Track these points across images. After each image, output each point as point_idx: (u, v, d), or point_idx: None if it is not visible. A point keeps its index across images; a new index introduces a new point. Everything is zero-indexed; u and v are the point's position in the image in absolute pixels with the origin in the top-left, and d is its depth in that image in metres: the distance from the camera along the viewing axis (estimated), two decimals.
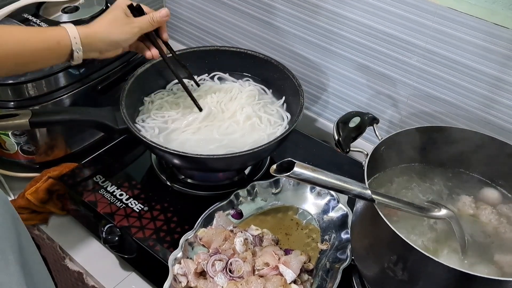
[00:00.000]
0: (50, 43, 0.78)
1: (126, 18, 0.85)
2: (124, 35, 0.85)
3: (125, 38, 0.85)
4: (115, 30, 0.83)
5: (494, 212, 0.75)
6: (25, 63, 0.78)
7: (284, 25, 1.11)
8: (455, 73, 0.90)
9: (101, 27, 0.83)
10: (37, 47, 0.77)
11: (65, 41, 0.79)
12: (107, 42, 0.84)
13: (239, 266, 0.77)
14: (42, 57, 0.79)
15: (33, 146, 1.01)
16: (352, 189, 0.63)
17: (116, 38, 0.84)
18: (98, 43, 0.83)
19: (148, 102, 1.02)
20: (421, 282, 0.64)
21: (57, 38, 0.78)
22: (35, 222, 0.98)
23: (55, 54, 0.79)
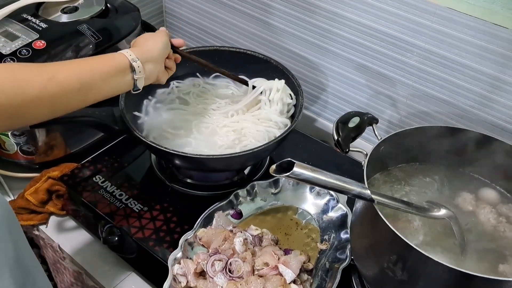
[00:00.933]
0: (106, 58, 0.78)
1: (152, 33, 0.88)
2: (162, 39, 0.86)
3: (165, 41, 0.87)
4: (156, 39, 0.85)
5: (493, 211, 0.75)
6: (89, 82, 0.75)
7: (284, 25, 1.11)
8: (454, 73, 0.90)
9: (144, 42, 0.85)
10: (95, 64, 0.76)
11: (119, 55, 0.79)
12: (157, 48, 0.84)
13: (238, 266, 0.77)
14: (103, 74, 0.76)
15: (32, 146, 1.01)
16: (351, 189, 0.63)
17: (161, 42, 0.85)
18: (150, 53, 0.83)
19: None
20: (421, 282, 0.64)
21: (111, 56, 0.79)
22: (34, 222, 0.98)
23: (114, 69, 0.78)
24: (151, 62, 0.83)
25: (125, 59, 0.79)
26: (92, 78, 0.75)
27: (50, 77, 0.69)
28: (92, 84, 0.75)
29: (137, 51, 0.82)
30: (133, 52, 0.81)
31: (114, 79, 0.78)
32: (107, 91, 0.78)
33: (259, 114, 0.98)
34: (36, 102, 0.68)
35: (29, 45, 0.95)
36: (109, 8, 1.10)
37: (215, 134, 0.95)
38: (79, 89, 0.73)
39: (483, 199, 0.78)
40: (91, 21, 1.03)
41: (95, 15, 1.05)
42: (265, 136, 0.94)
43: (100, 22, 1.04)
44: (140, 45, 0.84)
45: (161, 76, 0.88)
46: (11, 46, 0.94)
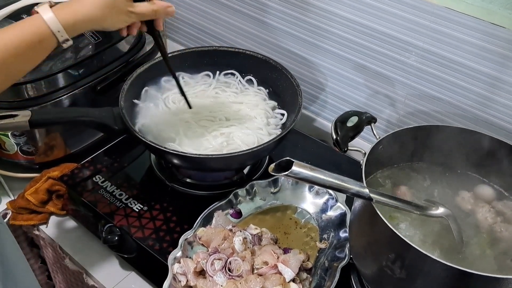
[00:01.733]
0: (31, 42, 0.68)
1: (127, 3, 0.74)
2: (118, 24, 0.74)
3: (118, 27, 0.75)
4: (109, 16, 0.72)
5: (491, 210, 0.75)
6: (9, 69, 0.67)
7: (283, 25, 1.12)
8: (452, 72, 0.91)
9: (91, 8, 0.70)
10: (18, 51, 0.66)
11: (48, 38, 0.68)
12: (99, 27, 0.73)
13: (238, 265, 0.77)
14: (27, 59, 0.69)
15: (32, 146, 1.01)
16: (350, 188, 0.63)
17: (108, 26, 0.73)
18: (86, 28, 0.72)
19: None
20: (419, 280, 0.64)
21: (38, 37, 0.68)
22: (35, 222, 0.99)
23: (40, 52, 0.69)
24: (88, 23, 0.71)
25: (45, 29, 0.67)
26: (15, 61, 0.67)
27: None
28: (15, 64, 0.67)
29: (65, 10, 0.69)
30: (57, 13, 0.68)
31: (38, 55, 0.69)
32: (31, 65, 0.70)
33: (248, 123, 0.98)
34: None
35: None
36: None
37: (203, 137, 0.95)
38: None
39: (479, 196, 0.78)
40: None
41: None
42: (254, 140, 0.94)
43: None
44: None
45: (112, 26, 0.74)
46: None
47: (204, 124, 0.97)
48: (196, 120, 0.98)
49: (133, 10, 0.74)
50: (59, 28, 0.68)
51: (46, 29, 0.68)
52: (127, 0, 0.74)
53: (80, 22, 0.70)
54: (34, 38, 0.68)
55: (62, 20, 0.69)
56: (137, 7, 0.75)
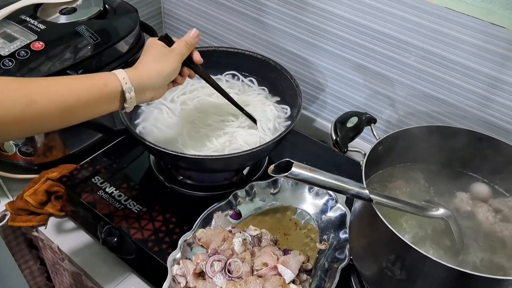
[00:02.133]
0: (96, 85, 0.71)
1: (166, 49, 0.80)
2: (172, 65, 0.79)
3: (174, 68, 0.80)
4: (164, 63, 0.78)
5: (490, 209, 0.75)
6: (72, 110, 0.69)
7: (282, 25, 1.11)
8: (452, 72, 0.90)
9: (149, 64, 0.77)
10: (83, 90, 0.70)
11: (113, 82, 0.72)
12: (161, 77, 0.78)
13: (237, 267, 0.77)
14: (90, 102, 0.71)
15: (31, 147, 1.01)
16: (350, 189, 0.63)
17: (168, 70, 0.78)
18: (151, 81, 0.77)
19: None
20: (419, 281, 0.64)
21: (104, 81, 0.72)
22: (33, 224, 0.98)
23: (103, 97, 0.72)
24: (149, 91, 0.77)
25: (118, 87, 0.72)
26: (76, 105, 0.69)
27: (31, 102, 0.65)
28: (76, 111, 0.70)
29: (136, 76, 0.74)
30: (130, 77, 0.73)
31: (101, 106, 0.73)
32: (90, 116, 0.73)
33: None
34: (13, 124, 0.64)
35: (27, 46, 0.94)
36: (108, 9, 1.10)
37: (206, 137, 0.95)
38: (60, 116, 0.69)
39: (476, 195, 0.78)
40: (90, 22, 1.03)
41: (93, 16, 1.05)
42: (257, 141, 0.94)
43: (99, 23, 1.04)
44: (142, 67, 0.77)
45: (157, 97, 0.81)
46: (9, 48, 0.94)
47: (210, 122, 0.97)
48: (201, 119, 0.98)
49: (172, 50, 0.81)
50: (129, 87, 0.73)
51: (117, 83, 0.72)
52: (165, 48, 0.80)
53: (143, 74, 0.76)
54: (104, 91, 0.72)
55: (128, 71, 0.74)
56: (174, 49, 0.81)
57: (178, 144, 0.93)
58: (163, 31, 1.39)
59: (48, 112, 0.66)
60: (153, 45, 0.80)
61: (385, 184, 0.79)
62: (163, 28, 1.39)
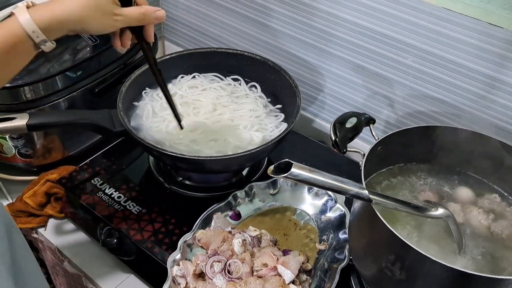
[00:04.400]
0: (5, 46, 0.63)
1: (112, 5, 0.68)
2: (104, 27, 0.68)
3: (101, 31, 0.69)
4: (93, 19, 0.66)
5: (481, 211, 0.75)
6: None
7: (280, 26, 1.12)
8: (450, 72, 0.91)
9: (72, 8, 0.65)
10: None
11: (22, 40, 0.64)
12: (79, 30, 0.67)
13: (237, 267, 0.77)
14: (3, 65, 0.64)
15: (30, 149, 1.01)
16: (349, 190, 0.63)
17: (93, 29, 0.68)
18: (66, 30, 0.66)
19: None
20: (419, 281, 0.64)
21: (12, 39, 0.63)
22: (33, 226, 0.98)
23: (17, 56, 0.65)
24: (67, 23, 0.65)
25: (19, 30, 0.63)
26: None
27: None
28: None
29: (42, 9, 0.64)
30: (32, 13, 0.63)
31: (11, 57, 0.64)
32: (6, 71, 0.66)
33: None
34: None
35: None
36: None
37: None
38: None
39: (462, 200, 0.78)
40: None
41: None
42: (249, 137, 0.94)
43: None
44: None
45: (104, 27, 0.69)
46: None
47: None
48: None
49: (119, 12, 0.69)
50: (34, 28, 0.63)
51: (20, 30, 0.63)
52: (112, 2, 0.68)
53: (58, 22, 0.65)
54: (8, 41, 0.63)
55: (38, 20, 0.63)
56: (123, 10, 0.69)
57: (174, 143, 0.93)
58: (162, 32, 1.39)
59: None
60: None
61: (384, 184, 0.79)
62: (161, 29, 1.39)
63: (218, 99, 1.02)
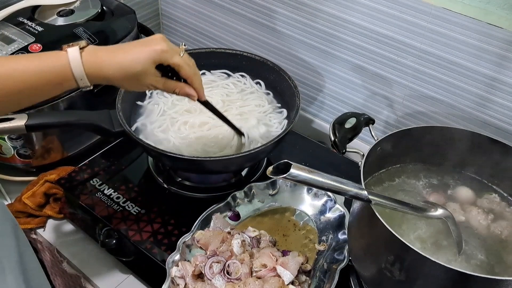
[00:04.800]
0: (51, 81, 0.67)
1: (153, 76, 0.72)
2: (136, 88, 0.73)
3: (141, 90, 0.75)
4: (132, 84, 0.72)
5: (480, 211, 0.75)
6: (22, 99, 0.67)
7: (280, 26, 1.11)
8: (450, 73, 0.91)
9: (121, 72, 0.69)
10: (36, 85, 0.66)
11: (69, 81, 0.68)
12: (121, 70, 0.70)
13: (236, 268, 0.77)
14: (42, 94, 0.68)
15: (29, 150, 1.01)
16: (348, 190, 0.63)
17: (125, 88, 0.73)
18: (106, 83, 0.72)
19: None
20: (419, 282, 0.64)
21: (59, 79, 0.67)
22: (32, 226, 0.98)
23: (57, 90, 0.69)
24: (109, 81, 0.70)
25: (68, 73, 0.66)
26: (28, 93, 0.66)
27: None
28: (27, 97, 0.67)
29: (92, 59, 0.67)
30: (84, 60, 0.67)
31: (52, 89, 0.68)
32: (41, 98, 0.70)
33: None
34: None
35: (25, 48, 0.94)
36: (105, 11, 1.10)
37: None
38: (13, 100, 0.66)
39: (461, 200, 0.78)
40: (87, 24, 1.04)
41: (91, 18, 1.05)
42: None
43: (96, 25, 1.05)
44: (107, 51, 0.70)
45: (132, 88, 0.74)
46: (7, 50, 0.94)
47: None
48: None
49: (155, 84, 0.73)
50: (83, 76, 0.67)
51: (69, 73, 0.67)
52: (155, 75, 0.72)
53: (102, 79, 0.70)
54: (55, 78, 0.67)
55: (88, 69, 0.67)
56: (160, 84, 0.74)
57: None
58: (161, 32, 1.39)
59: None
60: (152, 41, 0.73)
61: (383, 185, 0.79)
62: (161, 29, 1.39)
63: (229, 96, 1.02)
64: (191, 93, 0.76)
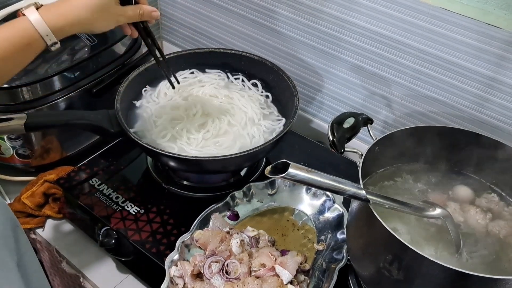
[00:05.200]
0: (19, 46, 0.68)
1: (114, 6, 0.75)
2: (107, 27, 0.75)
3: (106, 30, 0.76)
4: (99, 20, 0.73)
5: (478, 211, 0.76)
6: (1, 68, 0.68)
7: (279, 27, 1.12)
8: (448, 72, 0.91)
9: (81, 12, 0.71)
10: (6, 54, 0.67)
11: (36, 41, 0.69)
12: (86, 30, 0.74)
13: (235, 268, 0.77)
14: (14, 62, 0.69)
15: (28, 150, 1.01)
16: (347, 190, 0.63)
17: (97, 29, 0.74)
18: (75, 31, 0.72)
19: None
20: (417, 281, 0.64)
21: (26, 40, 0.68)
22: (31, 226, 0.98)
23: (28, 54, 0.70)
24: (77, 25, 0.71)
25: (33, 32, 0.67)
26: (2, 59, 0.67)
27: None
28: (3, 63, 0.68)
29: (53, 12, 0.68)
30: (44, 16, 0.68)
31: (22, 55, 0.70)
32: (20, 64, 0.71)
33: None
34: None
35: None
36: None
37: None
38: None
39: (460, 199, 0.78)
40: None
41: None
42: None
43: None
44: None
45: (103, 27, 0.75)
46: None
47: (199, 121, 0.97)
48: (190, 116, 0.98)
49: (120, 12, 0.76)
50: (47, 31, 0.68)
51: (34, 32, 0.68)
52: (116, 3, 0.75)
53: (69, 25, 0.71)
54: (22, 41, 0.68)
55: (50, 23, 0.69)
56: (124, 9, 0.77)
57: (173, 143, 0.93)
58: (160, 33, 1.39)
59: None
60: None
61: (382, 185, 0.79)
62: (160, 29, 1.39)
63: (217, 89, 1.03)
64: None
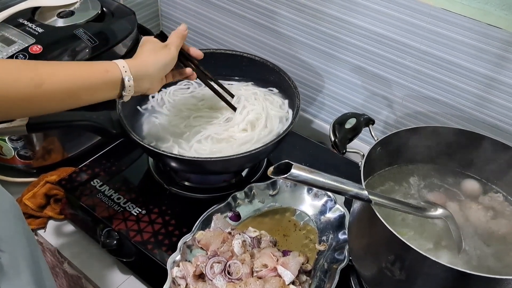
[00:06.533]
0: (99, 71, 0.76)
1: (160, 44, 0.85)
2: (168, 56, 0.83)
3: (170, 59, 0.84)
4: (159, 55, 0.82)
5: (480, 208, 0.76)
6: (76, 94, 0.74)
7: (280, 28, 1.12)
8: (449, 73, 0.91)
9: (146, 55, 0.82)
10: (87, 75, 0.75)
11: (114, 70, 0.77)
12: (157, 67, 0.82)
13: (237, 268, 0.77)
14: (92, 86, 0.75)
15: (30, 151, 1.01)
16: (349, 190, 0.63)
17: (163, 60, 0.83)
18: (147, 71, 0.81)
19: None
20: (419, 282, 0.64)
21: (106, 68, 0.76)
22: (33, 227, 0.98)
23: (105, 83, 0.76)
24: (146, 80, 0.81)
25: (118, 75, 0.77)
26: (80, 89, 0.74)
27: (39, 84, 0.69)
28: (79, 94, 0.75)
29: (135, 65, 0.79)
30: (129, 66, 0.78)
31: (102, 92, 0.77)
32: (91, 101, 0.78)
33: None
34: (22, 103, 0.69)
35: (25, 50, 0.95)
36: (105, 12, 1.10)
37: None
38: (64, 98, 0.73)
39: (466, 192, 0.78)
40: (87, 25, 1.04)
41: (91, 19, 1.05)
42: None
43: (96, 26, 1.05)
44: (140, 58, 0.82)
45: (153, 89, 0.85)
46: (7, 51, 0.94)
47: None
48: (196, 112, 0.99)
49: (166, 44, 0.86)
50: (129, 76, 0.77)
51: (113, 64, 0.77)
52: (159, 43, 0.85)
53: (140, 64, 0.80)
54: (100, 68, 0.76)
55: (128, 61, 0.79)
56: (167, 42, 0.87)
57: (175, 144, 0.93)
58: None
59: (54, 94, 0.71)
60: (148, 41, 0.85)
61: (383, 185, 0.80)
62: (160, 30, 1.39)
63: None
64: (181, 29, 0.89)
